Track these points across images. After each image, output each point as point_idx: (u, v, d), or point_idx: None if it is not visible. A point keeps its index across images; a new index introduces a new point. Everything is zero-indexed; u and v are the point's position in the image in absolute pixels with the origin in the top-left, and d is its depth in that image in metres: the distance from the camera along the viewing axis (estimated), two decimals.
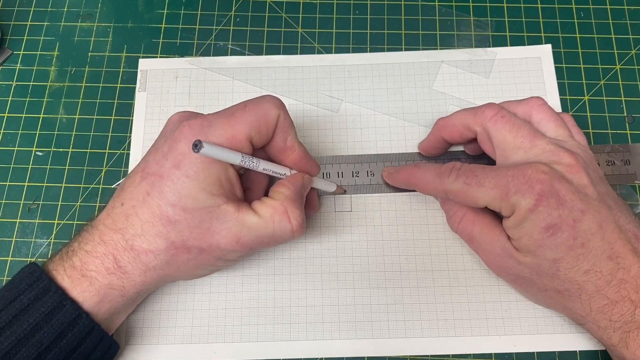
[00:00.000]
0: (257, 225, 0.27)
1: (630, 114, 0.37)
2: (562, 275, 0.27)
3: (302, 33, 0.40)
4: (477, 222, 0.30)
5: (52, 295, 0.26)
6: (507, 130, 0.29)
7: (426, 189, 0.31)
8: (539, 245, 0.27)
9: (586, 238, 0.26)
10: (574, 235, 0.26)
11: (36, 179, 0.36)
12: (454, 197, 0.29)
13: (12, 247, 0.35)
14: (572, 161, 0.28)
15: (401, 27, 0.40)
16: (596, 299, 0.27)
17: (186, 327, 0.33)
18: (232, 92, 0.38)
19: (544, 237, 0.27)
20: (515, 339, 0.32)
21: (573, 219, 0.26)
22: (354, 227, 0.35)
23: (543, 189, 0.26)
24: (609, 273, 0.26)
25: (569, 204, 0.26)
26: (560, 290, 0.28)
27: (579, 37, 0.39)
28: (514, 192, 0.27)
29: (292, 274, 0.34)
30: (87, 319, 0.26)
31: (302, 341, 0.32)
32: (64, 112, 0.38)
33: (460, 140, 0.33)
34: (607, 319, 0.27)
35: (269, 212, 0.27)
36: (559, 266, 0.27)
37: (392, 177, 0.34)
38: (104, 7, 0.41)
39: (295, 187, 0.29)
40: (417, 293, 0.33)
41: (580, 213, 0.26)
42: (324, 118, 0.37)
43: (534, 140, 0.29)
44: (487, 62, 0.38)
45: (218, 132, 0.26)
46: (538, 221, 0.26)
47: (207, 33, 0.40)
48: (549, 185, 0.26)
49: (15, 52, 0.39)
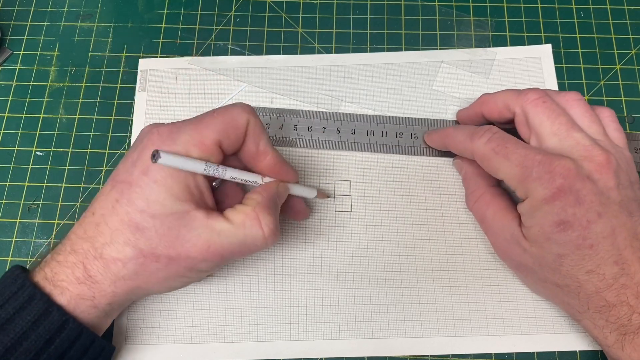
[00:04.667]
0: (227, 232, 0.26)
1: (630, 114, 0.37)
2: (564, 271, 0.27)
3: (302, 33, 0.40)
4: (492, 205, 0.31)
5: (37, 302, 0.25)
6: (546, 115, 0.29)
7: (457, 147, 0.32)
8: (547, 237, 0.27)
9: (596, 240, 0.26)
10: (584, 235, 0.26)
11: (36, 179, 0.36)
12: (479, 160, 0.30)
13: (12, 247, 0.35)
14: (604, 160, 0.27)
15: (401, 27, 0.40)
16: (594, 299, 0.27)
17: (186, 327, 0.33)
18: (232, 92, 0.38)
19: (554, 231, 0.26)
20: (515, 339, 0.32)
21: (587, 219, 0.26)
22: (354, 227, 0.35)
23: (564, 184, 0.26)
24: (611, 277, 0.26)
25: (587, 205, 0.26)
26: (560, 284, 0.28)
27: (579, 37, 0.39)
28: (534, 177, 0.27)
29: (292, 274, 0.34)
30: (74, 323, 0.26)
31: (302, 341, 0.32)
32: (64, 112, 0.38)
33: (498, 118, 0.32)
34: (604, 318, 0.27)
35: (240, 217, 0.27)
36: (563, 262, 0.27)
37: (430, 137, 0.35)
38: (104, 7, 0.41)
39: (268, 194, 0.28)
40: (417, 293, 0.33)
41: (596, 215, 0.26)
42: None
43: (570, 131, 0.28)
44: (487, 62, 0.38)
45: (185, 138, 0.26)
46: (552, 214, 0.26)
47: (207, 33, 0.40)
48: (571, 182, 0.26)
49: (15, 52, 0.39)
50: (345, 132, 0.36)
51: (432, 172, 0.36)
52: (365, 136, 0.36)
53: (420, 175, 0.36)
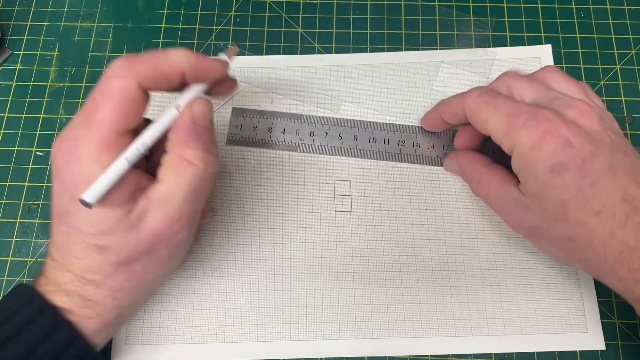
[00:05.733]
0: (170, 194, 0.25)
1: (630, 114, 0.37)
2: (571, 218, 0.26)
3: (302, 33, 0.40)
4: (492, 181, 0.30)
5: (46, 316, 0.25)
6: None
7: (452, 110, 0.32)
8: (544, 186, 0.26)
9: (596, 178, 0.25)
10: (582, 174, 0.25)
11: (36, 179, 0.36)
12: (470, 114, 0.29)
13: (12, 247, 0.35)
14: (586, 107, 0.27)
15: (401, 27, 0.40)
16: (611, 244, 0.25)
17: (186, 327, 0.33)
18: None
19: (549, 177, 0.25)
20: (515, 339, 0.32)
21: (581, 158, 0.25)
22: (354, 227, 0.35)
23: (550, 127, 0.26)
24: (624, 216, 0.25)
25: (578, 146, 0.25)
26: (571, 236, 0.26)
27: (579, 37, 0.39)
28: (520, 125, 0.26)
29: (292, 274, 0.34)
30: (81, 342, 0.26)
31: (302, 341, 0.32)
32: (64, 112, 0.38)
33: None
34: (625, 267, 0.25)
35: (169, 171, 0.25)
36: (567, 208, 0.25)
37: (425, 118, 0.35)
38: (104, 7, 0.41)
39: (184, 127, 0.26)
40: (417, 293, 0.33)
41: (590, 154, 0.25)
42: None
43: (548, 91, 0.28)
44: (487, 62, 0.38)
45: (88, 150, 0.24)
46: (543, 160, 0.26)
47: (207, 33, 0.40)
48: (557, 127, 0.26)
49: (15, 52, 0.39)
50: (348, 139, 0.36)
51: (432, 172, 0.36)
52: (368, 143, 0.36)
53: (420, 175, 0.36)
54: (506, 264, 0.34)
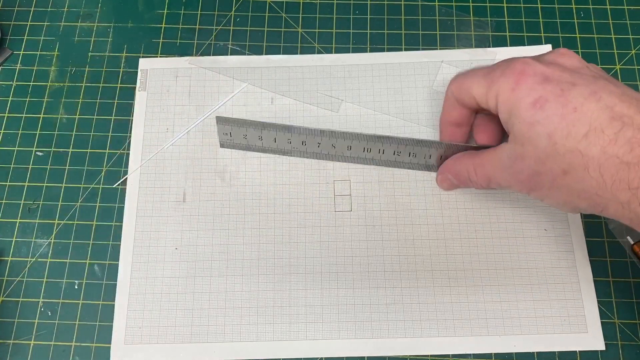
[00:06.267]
0: None
1: None
2: (560, 149, 0.25)
3: (302, 33, 0.40)
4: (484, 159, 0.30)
5: None
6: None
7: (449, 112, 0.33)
8: (529, 124, 0.25)
9: (578, 102, 0.24)
10: (563, 103, 0.25)
11: (36, 179, 0.36)
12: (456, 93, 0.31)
13: (12, 247, 0.35)
14: (566, 51, 0.27)
15: (401, 27, 0.40)
16: (605, 164, 0.24)
17: (186, 327, 0.33)
18: (232, 91, 0.38)
19: (532, 113, 0.25)
20: (515, 339, 0.32)
21: (561, 89, 0.25)
22: (354, 227, 0.35)
23: (526, 68, 0.26)
24: (613, 133, 0.24)
25: (556, 79, 0.25)
26: (565, 168, 0.25)
27: (579, 37, 0.39)
28: (498, 75, 0.27)
29: (292, 273, 0.34)
30: None
31: (302, 341, 0.32)
32: (64, 112, 0.38)
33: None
34: (625, 187, 0.24)
35: None
36: (555, 139, 0.25)
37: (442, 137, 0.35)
38: (104, 7, 0.41)
39: None
40: (417, 293, 0.33)
41: (570, 85, 0.25)
42: (324, 118, 0.37)
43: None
44: (487, 62, 0.38)
45: None
46: (523, 98, 0.26)
47: (207, 33, 0.40)
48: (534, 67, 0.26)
49: (15, 52, 0.40)
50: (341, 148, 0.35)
51: (432, 172, 0.36)
52: (362, 152, 0.35)
53: (420, 175, 0.36)
54: (506, 264, 0.34)
